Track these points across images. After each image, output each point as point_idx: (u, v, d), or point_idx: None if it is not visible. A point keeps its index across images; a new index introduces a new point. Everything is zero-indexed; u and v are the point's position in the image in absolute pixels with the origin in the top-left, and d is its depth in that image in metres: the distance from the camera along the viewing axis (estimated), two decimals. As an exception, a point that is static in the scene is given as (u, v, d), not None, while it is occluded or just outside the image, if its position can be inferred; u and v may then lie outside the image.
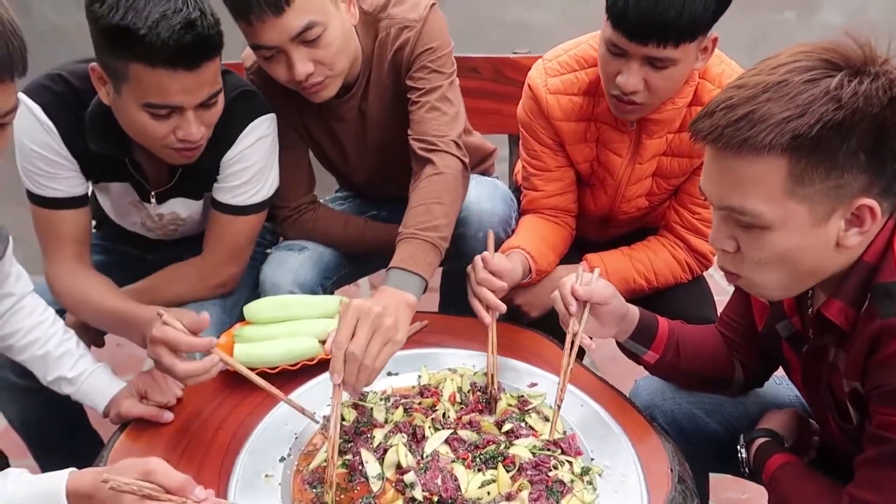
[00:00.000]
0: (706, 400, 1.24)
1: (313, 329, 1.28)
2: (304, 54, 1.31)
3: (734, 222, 0.91)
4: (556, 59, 1.50)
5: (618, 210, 1.58)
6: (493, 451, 1.05)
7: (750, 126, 0.83)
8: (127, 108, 1.20)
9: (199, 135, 1.23)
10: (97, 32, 1.14)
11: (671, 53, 1.23)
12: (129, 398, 1.16)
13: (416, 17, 1.46)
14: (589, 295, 1.11)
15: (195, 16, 1.12)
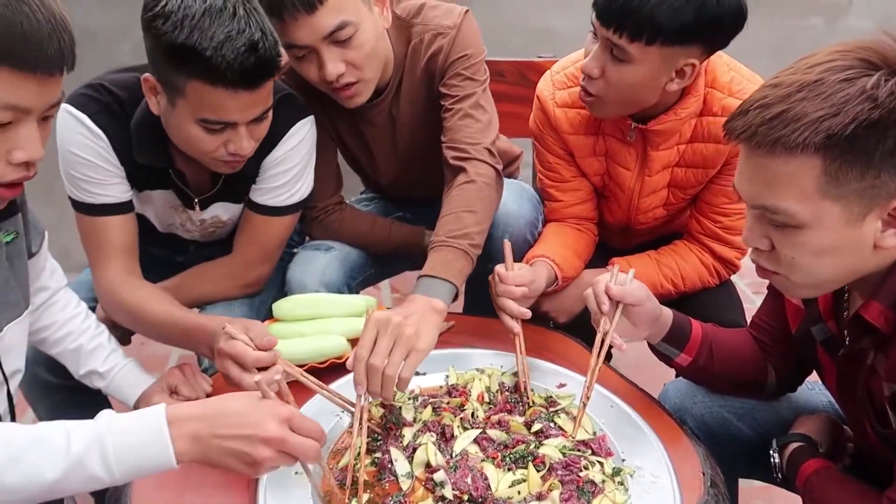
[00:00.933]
0: (737, 404, 1.23)
1: (341, 327, 1.28)
2: (336, 54, 1.32)
3: (768, 221, 0.90)
4: (564, 70, 1.50)
5: (635, 221, 1.57)
6: (523, 451, 1.04)
7: (784, 125, 0.83)
8: (180, 120, 1.21)
9: (249, 149, 1.25)
10: (158, 47, 1.15)
11: (626, 46, 1.23)
12: (160, 393, 1.17)
13: (450, 24, 1.47)
14: (622, 295, 1.11)
15: (258, 37, 1.14)
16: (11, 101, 0.80)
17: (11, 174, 0.85)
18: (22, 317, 1.05)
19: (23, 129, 0.83)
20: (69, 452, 0.76)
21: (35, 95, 0.82)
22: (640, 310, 1.12)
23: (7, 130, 0.82)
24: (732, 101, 1.37)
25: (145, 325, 1.28)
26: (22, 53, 0.78)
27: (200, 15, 1.11)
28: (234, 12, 1.13)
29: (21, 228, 1.04)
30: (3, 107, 0.80)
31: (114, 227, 1.32)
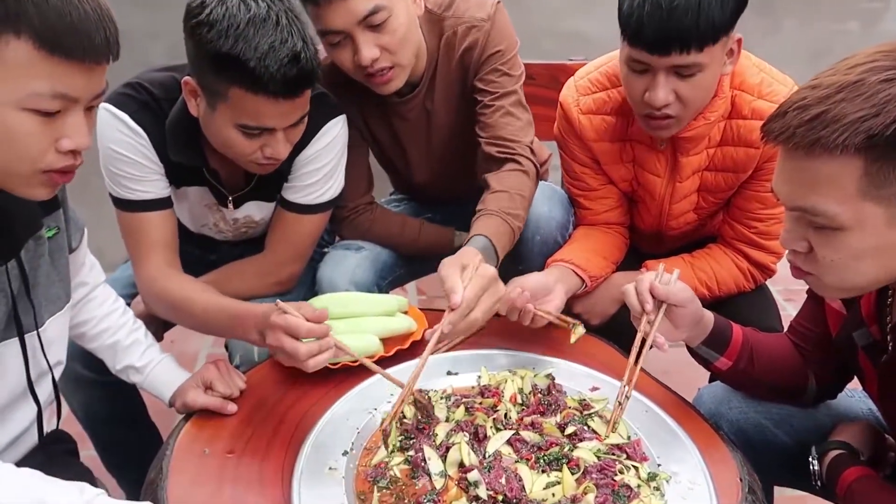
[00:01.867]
0: (774, 410, 1.21)
1: (374, 327, 1.28)
2: (370, 39, 1.33)
3: (807, 223, 0.89)
4: (587, 76, 1.48)
5: (666, 226, 1.55)
6: (557, 453, 1.03)
7: (823, 126, 0.82)
8: (219, 124, 1.23)
9: (285, 152, 1.28)
10: (201, 54, 1.17)
11: (697, 58, 1.21)
12: (195, 389, 1.18)
13: (483, 17, 1.47)
14: (667, 295, 1.09)
15: (300, 46, 1.16)
16: (61, 89, 0.82)
17: (59, 162, 0.86)
18: (63, 311, 1.07)
19: (70, 118, 0.85)
20: None
21: (83, 84, 0.83)
22: (684, 311, 1.10)
23: (55, 119, 0.83)
24: (762, 103, 1.35)
25: (189, 314, 1.27)
26: (71, 43, 0.80)
27: (245, 24, 1.13)
28: (277, 22, 1.15)
29: (62, 224, 1.06)
30: (53, 95, 0.81)
31: (154, 222, 1.34)
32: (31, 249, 1.00)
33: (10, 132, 0.81)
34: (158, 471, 1.03)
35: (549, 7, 2.68)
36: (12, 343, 0.99)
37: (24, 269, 0.98)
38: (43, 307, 1.03)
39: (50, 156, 0.85)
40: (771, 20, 2.72)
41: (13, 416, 1.04)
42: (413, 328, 1.33)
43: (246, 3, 1.15)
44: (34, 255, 1.00)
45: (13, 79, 0.79)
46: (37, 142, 0.83)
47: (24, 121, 0.82)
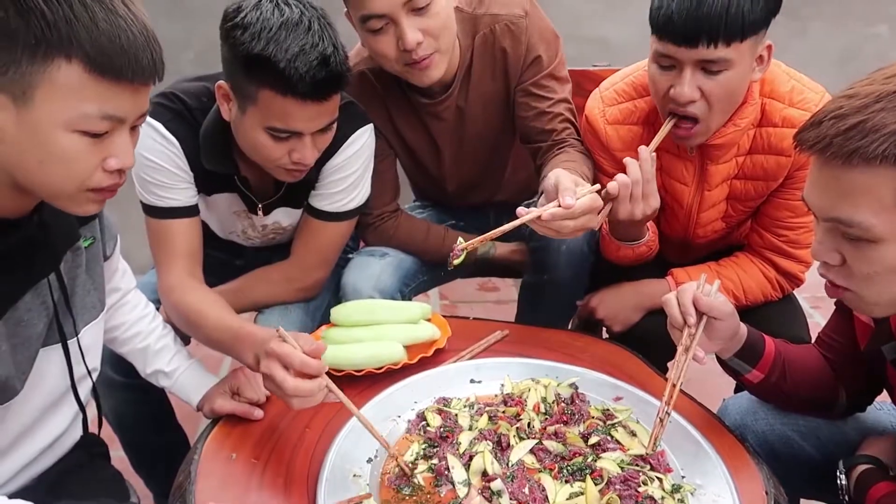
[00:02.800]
0: (801, 422, 1.19)
1: (399, 334, 1.30)
2: (414, 22, 1.33)
3: (840, 235, 0.88)
4: (613, 86, 1.48)
5: (693, 235, 1.54)
6: (581, 464, 1.04)
7: (861, 136, 0.81)
8: (248, 127, 1.25)
9: (312, 158, 1.29)
10: (234, 56, 1.19)
11: (723, 53, 1.20)
12: (223, 394, 1.20)
13: (520, 13, 1.48)
14: (710, 308, 1.06)
15: (329, 51, 1.18)
16: (109, 111, 0.84)
17: (106, 181, 0.88)
18: (98, 319, 1.10)
19: (117, 138, 0.87)
20: None
21: (129, 105, 0.85)
22: (723, 325, 1.07)
23: (103, 140, 0.85)
24: (793, 111, 1.34)
25: (198, 328, 1.28)
26: (121, 65, 0.81)
27: (277, 27, 1.15)
28: (309, 26, 1.17)
29: (98, 233, 1.09)
30: (102, 117, 0.83)
31: (179, 229, 1.36)
32: (69, 260, 1.02)
33: (60, 153, 0.83)
34: (187, 475, 1.05)
35: (571, 12, 2.67)
36: (54, 350, 1.02)
37: (63, 281, 1.00)
38: (80, 316, 1.05)
39: (97, 175, 0.87)
40: (799, 23, 2.69)
41: (54, 419, 1.06)
42: (436, 336, 1.34)
43: (280, 8, 1.18)
44: (72, 266, 1.03)
45: (63, 101, 0.81)
46: (85, 162, 0.85)
47: (74, 142, 0.83)
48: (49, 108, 0.81)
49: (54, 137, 0.82)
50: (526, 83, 1.52)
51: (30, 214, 0.93)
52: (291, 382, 1.02)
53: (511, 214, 1.85)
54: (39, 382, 1.01)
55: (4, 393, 0.94)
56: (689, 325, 1.06)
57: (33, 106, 0.80)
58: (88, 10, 0.79)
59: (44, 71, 0.79)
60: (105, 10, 0.80)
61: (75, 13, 0.78)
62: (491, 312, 2.67)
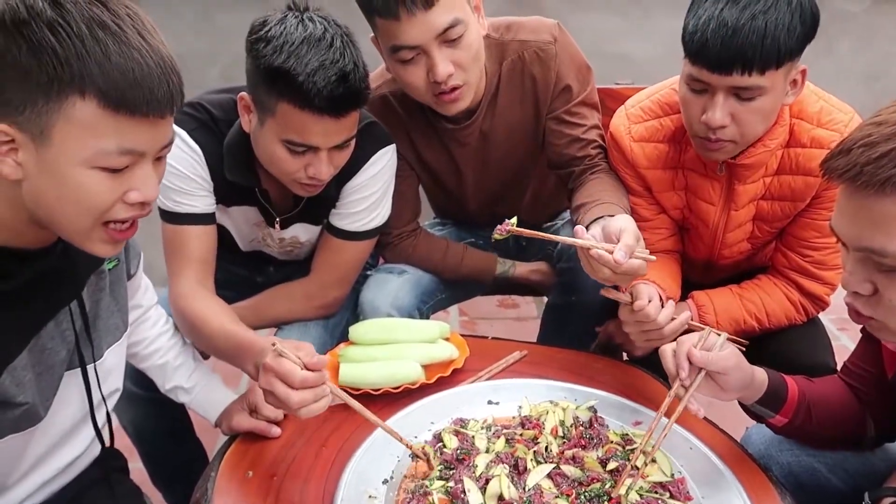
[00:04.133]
0: (827, 453, 1.16)
1: (416, 354, 1.29)
2: (446, 54, 1.32)
3: (873, 265, 0.86)
4: (639, 104, 1.47)
5: (719, 256, 1.52)
6: (599, 490, 1.02)
7: (893, 164, 0.80)
8: (266, 139, 1.27)
9: (328, 175, 1.29)
10: (256, 68, 1.21)
11: (758, 81, 1.19)
12: (240, 411, 1.20)
13: (549, 39, 1.48)
14: (706, 363, 1.04)
15: (349, 68, 1.19)
16: (127, 145, 0.83)
17: (125, 212, 0.87)
18: (121, 340, 1.10)
19: (139, 170, 0.85)
20: None
21: (148, 138, 0.84)
22: (727, 378, 1.05)
23: (123, 174, 0.85)
24: (822, 132, 1.32)
25: (201, 336, 1.28)
26: (135, 99, 0.80)
27: (299, 42, 1.17)
28: (331, 43, 1.18)
29: (122, 255, 1.09)
30: (120, 152, 0.82)
31: (193, 236, 1.37)
32: (93, 283, 1.03)
33: (79, 189, 0.82)
34: (203, 492, 1.05)
35: (594, 30, 2.68)
36: (74, 374, 1.02)
37: (85, 308, 1.00)
38: (103, 339, 1.06)
39: (117, 207, 0.86)
40: (825, 41, 2.66)
41: (75, 439, 1.07)
42: (455, 355, 1.34)
43: (304, 24, 1.20)
44: (96, 289, 1.03)
45: (80, 138, 0.80)
46: (105, 197, 0.84)
47: (93, 178, 0.82)
48: (67, 146, 0.80)
49: (73, 175, 0.82)
50: (558, 111, 1.51)
51: (52, 245, 0.93)
52: (296, 397, 1.00)
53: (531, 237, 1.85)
54: (62, 406, 1.02)
55: (29, 420, 0.95)
56: (681, 379, 1.05)
57: (51, 144, 0.80)
58: (100, 45, 0.78)
59: (59, 109, 0.79)
60: (118, 42, 0.79)
61: (87, 48, 0.78)
62: (510, 329, 2.66)
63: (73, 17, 0.78)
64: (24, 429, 0.95)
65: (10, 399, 0.91)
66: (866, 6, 2.76)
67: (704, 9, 1.19)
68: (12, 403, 0.91)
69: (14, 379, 0.90)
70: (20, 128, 0.80)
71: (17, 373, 0.90)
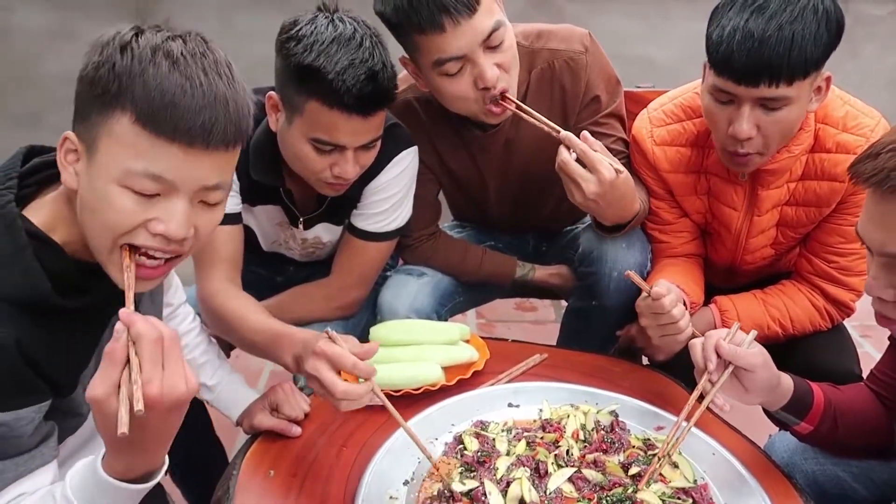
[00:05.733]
0: (853, 462, 1.15)
1: (437, 355, 1.29)
2: (491, 59, 1.31)
3: (893, 269, 0.86)
4: (662, 107, 1.46)
5: (741, 261, 1.51)
6: (621, 495, 1.01)
7: None
8: (293, 138, 1.28)
9: (353, 174, 1.30)
10: (286, 67, 1.23)
11: (785, 92, 1.17)
12: (262, 411, 1.20)
13: (580, 49, 1.48)
14: (733, 356, 1.03)
15: (378, 67, 1.21)
16: (154, 170, 0.81)
17: (147, 240, 0.84)
18: None
19: (171, 204, 0.83)
20: None
21: (179, 168, 0.82)
22: (753, 376, 1.04)
23: (154, 202, 0.83)
24: (847, 136, 1.31)
25: (237, 332, 1.29)
26: (164, 118, 0.79)
27: (330, 41, 1.19)
28: (360, 42, 1.20)
29: None
30: (146, 175, 0.81)
31: (222, 236, 1.38)
32: None
33: (105, 205, 0.82)
34: (225, 490, 1.06)
35: (616, 33, 2.67)
36: None
37: None
38: None
39: (139, 232, 0.84)
40: (850, 45, 2.63)
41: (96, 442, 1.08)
42: (475, 358, 1.34)
43: (334, 24, 1.21)
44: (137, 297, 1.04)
45: (116, 154, 0.81)
46: (125, 217, 0.82)
47: (121, 196, 0.82)
48: (106, 160, 0.81)
49: (105, 190, 0.82)
50: (585, 122, 1.50)
51: None
52: (342, 386, 1.01)
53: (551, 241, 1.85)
54: None
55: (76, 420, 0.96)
56: (709, 371, 1.04)
57: (97, 156, 0.82)
58: (156, 67, 0.79)
59: (105, 122, 0.81)
60: (173, 69, 0.80)
61: (142, 68, 0.79)
62: (528, 332, 2.66)
63: (146, 43, 0.80)
64: (76, 430, 0.96)
65: (78, 409, 0.93)
66: (891, 10, 2.73)
67: (729, 18, 1.17)
68: (79, 414, 0.94)
69: (84, 388, 0.91)
70: (80, 138, 0.83)
71: (85, 382, 0.91)
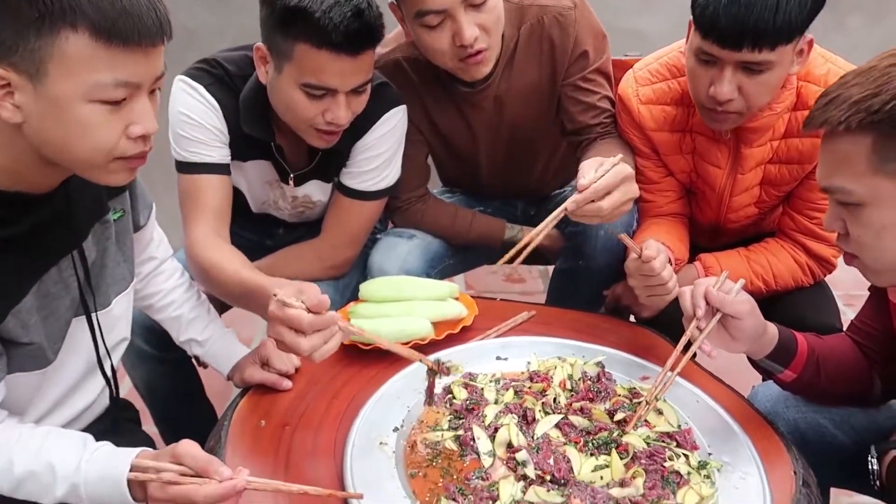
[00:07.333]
0: (833, 410, 1.17)
1: (426, 310, 1.30)
2: (471, 18, 1.34)
3: (837, 202, 0.95)
4: (647, 67, 1.47)
5: (725, 220, 1.53)
6: (606, 438, 1.04)
7: (834, 107, 0.89)
8: (284, 86, 1.28)
9: (346, 119, 1.30)
10: (270, 14, 1.24)
11: (767, 56, 1.19)
12: (253, 364, 1.21)
13: (569, 5, 1.49)
14: (721, 303, 1.05)
15: (364, 5, 1.22)
16: (123, 77, 0.83)
17: (132, 149, 0.89)
18: (128, 290, 1.12)
19: (136, 104, 0.86)
20: (54, 495, 0.89)
21: (142, 69, 0.85)
22: (740, 324, 1.05)
23: (122, 108, 0.86)
24: None
25: (216, 283, 1.28)
26: (126, 29, 0.81)
27: None
28: None
29: (128, 206, 1.11)
30: (116, 84, 0.83)
31: (209, 185, 1.38)
32: (98, 232, 1.04)
33: (82, 125, 0.84)
34: (217, 440, 1.07)
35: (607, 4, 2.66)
36: (82, 321, 1.04)
37: (86, 257, 1.01)
38: (110, 288, 1.08)
39: (122, 143, 0.87)
40: (836, 16, 2.65)
41: (87, 386, 1.10)
42: (463, 314, 1.35)
43: None
44: (101, 238, 1.05)
45: (76, 72, 0.81)
46: (108, 131, 0.85)
47: (94, 112, 0.84)
48: (64, 80, 0.81)
49: (74, 110, 0.83)
50: (574, 77, 1.52)
51: (54, 191, 0.94)
52: (306, 343, 0.98)
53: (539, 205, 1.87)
54: (72, 352, 1.04)
55: (37, 361, 0.97)
56: (697, 318, 1.06)
57: (48, 80, 0.81)
58: None
59: (52, 44, 0.80)
60: None
61: None
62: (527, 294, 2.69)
63: None
64: (32, 369, 0.97)
65: (16, 339, 0.93)
66: (878, -19, 2.75)
67: None
68: (17, 343, 0.94)
69: (19, 321, 0.92)
70: (15, 69, 0.81)
71: (21, 315, 0.92)
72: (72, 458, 0.90)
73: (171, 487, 0.82)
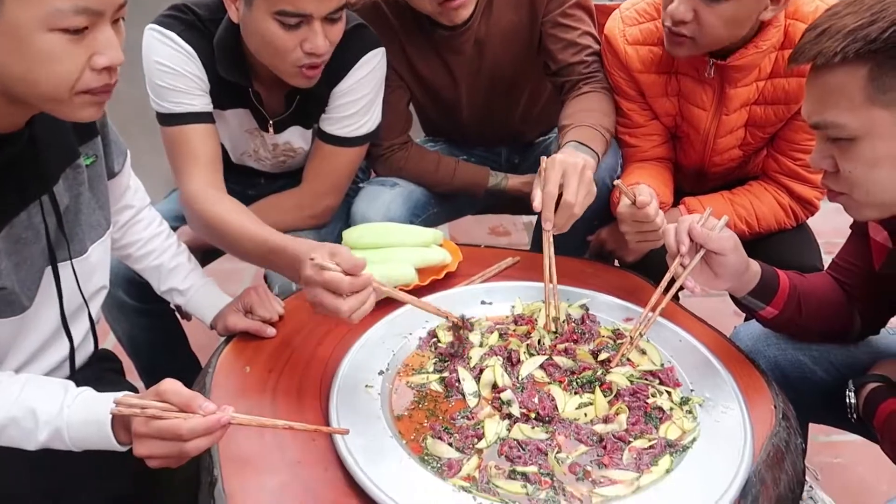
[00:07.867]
0: (813, 347, 1.19)
1: (410, 257, 1.30)
2: None
3: (827, 139, 0.92)
4: (634, 6, 1.46)
5: (710, 163, 1.52)
6: (590, 377, 1.05)
7: (827, 38, 0.86)
8: (257, 20, 1.23)
9: (325, 48, 1.26)
10: None
11: None
12: (236, 312, 1.20)
13: None
14: (705, 239, 1.04)
15: None
16: (83, 3, 0.80)
17: (96, 81, 0.85)
18: (104, 237, 1.09)
19: (99, 34, 0.82)
20: (37, 440, 0.89)
21: None
22: (724, 260, 1.05)
23: (84, 37, 0.82)
24: None
25: (225, 238, 1.26)
26: None
27: None
28: None
29: (100, 151, 1.08)
30: (76, 11, 0.80)
31: (197, 135, 1.34)
32: (70, 178, 1.01)
33: (43, 54, 0.80)
34: (202, 386, 1.07)
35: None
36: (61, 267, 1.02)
37: (58, 203, 0.98)
38: (86, 234, 1.05)
39: (87, 75, 0.84)
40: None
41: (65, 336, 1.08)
42: (448, 260, 1.34)
43: None
44: (74, 184, 1.02)
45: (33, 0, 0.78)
46: (71, 62, 0.82)
47: (55, 41, 0.80)
48: (20, 9, 0.78)
49: (33, 39, 0.79)
50: (553, 13, 1.50)
51: (19, 132, 0.91)
52: (345, 305, 0.97)
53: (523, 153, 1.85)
54: (48, 299, 1.02)
55: (12, 307, 0.95)
56: (682, 255, 1.06)
57: (5, 9, 0.77)
58: None
59: None
60: None
61: None
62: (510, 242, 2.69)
63: None
64: (8, 315, 0.95)
65: None
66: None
67: None
68: None
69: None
70: None
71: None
72: (54, 402, 0.89)
73: (155, 422, 0.82)
